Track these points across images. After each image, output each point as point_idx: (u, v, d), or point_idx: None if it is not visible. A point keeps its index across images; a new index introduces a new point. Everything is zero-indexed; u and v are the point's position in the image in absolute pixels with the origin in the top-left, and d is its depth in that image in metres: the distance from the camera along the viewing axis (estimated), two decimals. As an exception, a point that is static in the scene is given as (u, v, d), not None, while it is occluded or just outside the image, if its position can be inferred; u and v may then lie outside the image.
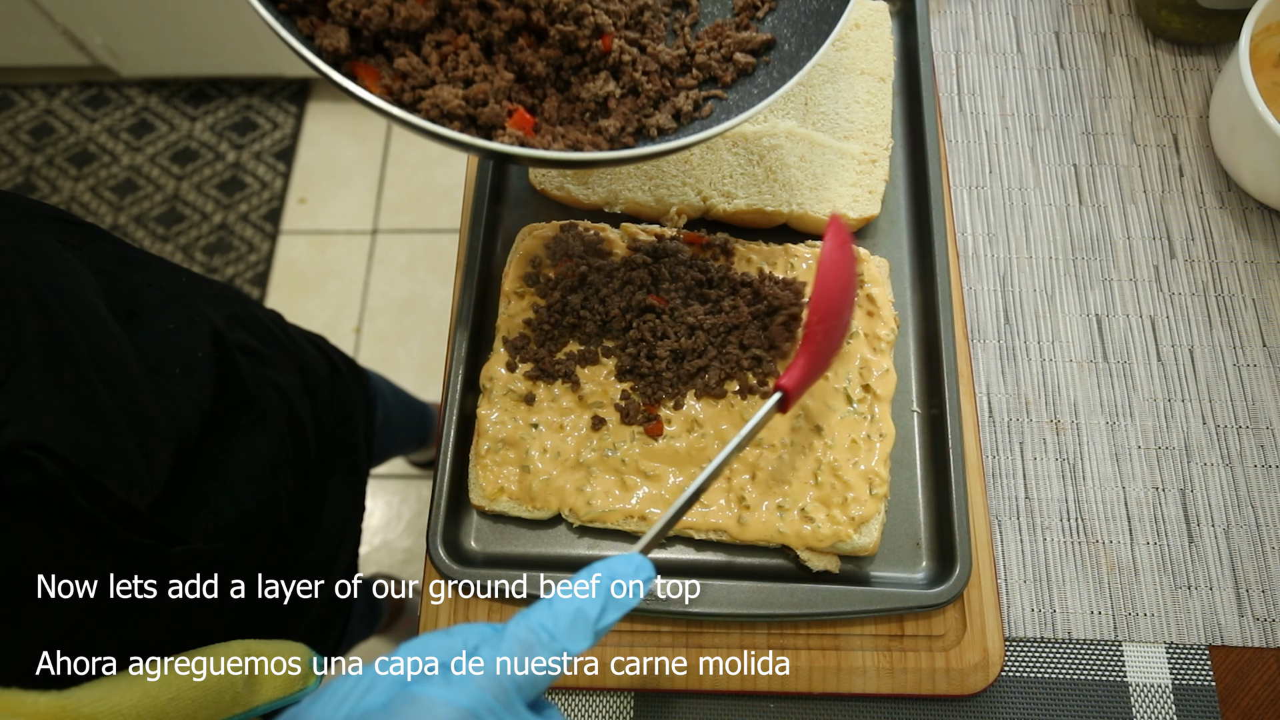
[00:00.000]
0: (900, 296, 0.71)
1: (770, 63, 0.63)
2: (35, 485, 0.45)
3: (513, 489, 0.63)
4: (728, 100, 0.62)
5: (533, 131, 0.55)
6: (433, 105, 0.52)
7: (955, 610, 0.62)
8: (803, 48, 0.60)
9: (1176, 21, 0.77)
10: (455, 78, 0.54)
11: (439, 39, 0.54)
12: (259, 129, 2.05)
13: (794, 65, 0.58)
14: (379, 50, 0.54)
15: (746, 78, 0.63)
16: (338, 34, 0.52)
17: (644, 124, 0.59)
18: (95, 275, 0.63)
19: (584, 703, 0.62)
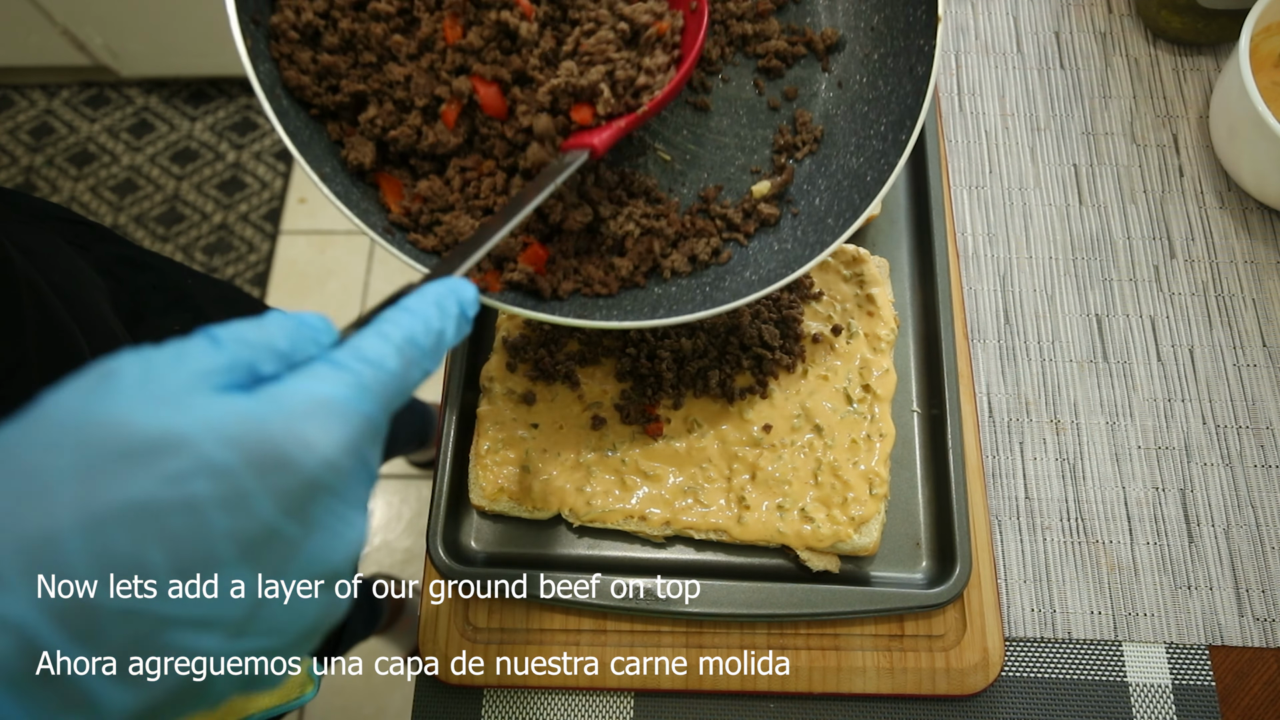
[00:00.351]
0: (900, 296, 0.71)
1: (799, 216, 0.59)
2: None
3: (513, 489, 0.63)
4: (748, 248, 0.59)
5: (544, 268, 0.55)
6: (448, 232, 0.52)
7: (955, 610, 0.62)
8: (830, 213, 0.57)
9: (1176, 21, 0.77)
10: (475, 206, 0.53)
11: (464, 164, 0.54)
12: (259, 129, 2.05)
13: (819, 233, 0.56)
14: (405, 163, 0.54)
15: (771, 229, 0.60)
16: (365, 148, 0.52)
17: (658, 264, 0.58)
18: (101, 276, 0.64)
19: (584, 703, 0.62)
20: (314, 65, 0.51)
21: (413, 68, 0.51)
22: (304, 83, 0.51)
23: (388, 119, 0.52)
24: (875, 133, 0.57)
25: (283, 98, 0.50)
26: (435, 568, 0.62)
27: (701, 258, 0.58)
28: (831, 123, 0.62)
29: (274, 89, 0.49)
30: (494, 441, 0.64)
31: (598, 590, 0.60)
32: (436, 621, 0.62)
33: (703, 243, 0.58)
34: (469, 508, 0.65)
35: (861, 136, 0.59)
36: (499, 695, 0.62)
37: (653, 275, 0.58)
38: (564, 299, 0.55)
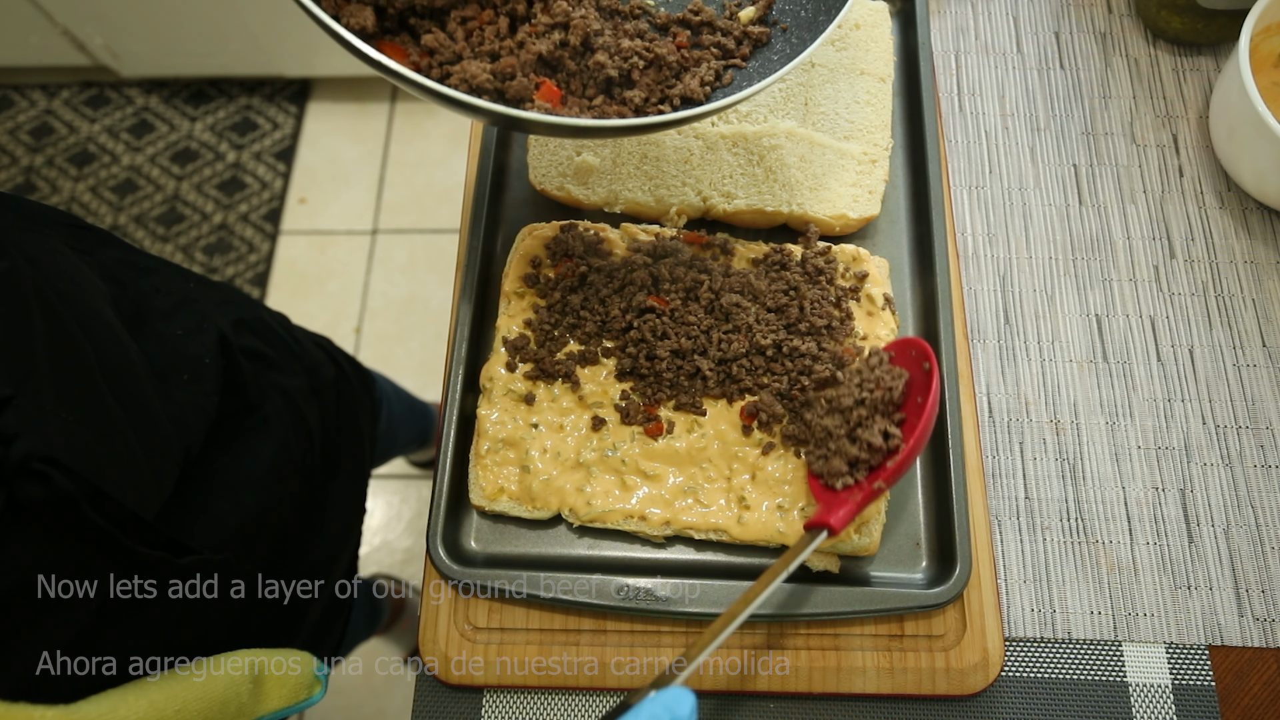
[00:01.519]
0: (900, 296, 0.71)
1: (788, 30, 0.62)
2: (45, 498, 0.45)
3: (513, 489, 0.63)
4: (748, 68, 0.62)
5: (560, 104, 0.56)
6: (461, 80, 0.53)
7: (955, 610, 0.62)
8: (820, 12, 0.60)
9: (1176, 21, 0.77)
10: (482, 53, 0.54)
11: (464, 15, 0.54)
12: (259, 129, 2.05)
13: (813, 30, 0.58)
14: (404, 29, 0.55)
15: (764, 47, 0.63)
16: (364, 12, 0.52)
17: (667, 94, 0.60)
18: (104, 281, 0.63)
19: (584, 703, 0.62)
20: None
21: None
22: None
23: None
24: None
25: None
26: (435, 568, 0.62)
27: (707, 79, 0.60)
28: None
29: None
30: (494, 441, 0.64)
31: (598, 590, 0.60)
32: (436, 621, 0.62)
33: (704, 68, 0.60)
34: (469, 508, 0.65)
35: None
36: (499, 695, 0.62)
37: (664, 105, 0.60)
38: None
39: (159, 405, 0.58)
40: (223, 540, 0.63)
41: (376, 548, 1.70)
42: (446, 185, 2.00)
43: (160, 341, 0.64)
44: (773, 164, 0.72)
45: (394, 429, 1.19)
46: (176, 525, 0.60)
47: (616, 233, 0.70)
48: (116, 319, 0.60)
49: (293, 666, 0.57)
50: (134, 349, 0.59)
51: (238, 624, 0.65)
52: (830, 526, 0.53)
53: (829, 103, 0.74)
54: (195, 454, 0.62)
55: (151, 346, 0.62)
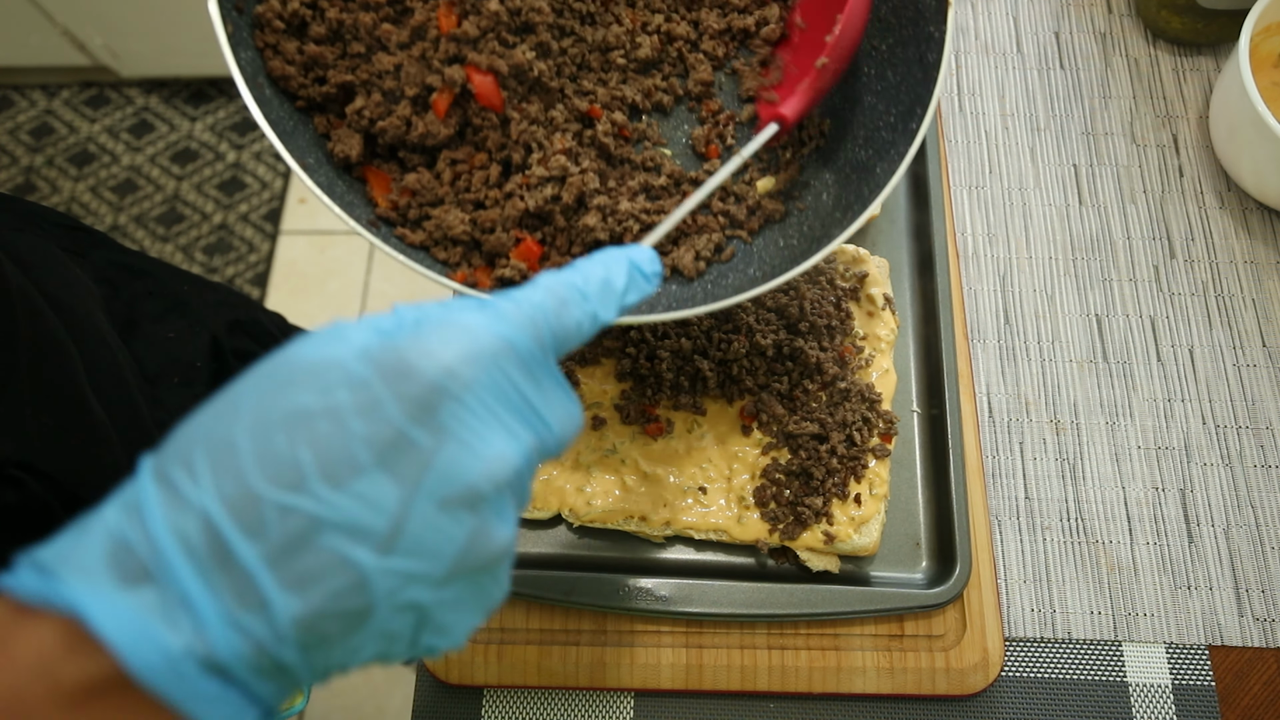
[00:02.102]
0: (900, 296, 0.71)
1: (805, 211, 0.57)
2: (17, 504, 0.44)
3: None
4: (751, 246, 0.57)
5: (538, 263, 0.52)
6: (437, 227, 0.51)
7: (955, 610, 0.62)
8: (839, 206, 0.55)
9: (1176, 21, 0.77)
10: (466, 200, 0.52)
11: (455, 156, 0.52)
12: (259, 129, 2.05)
13: (827, 225, 0.54)
14: (393, 156, 0.53)
15: (776, 224, 0.58)
16: (352, 140, 0.51)
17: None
18: (97, 283, 0.63)
19: (584, 703, 0.62)
20: (300, 55, 0.50)
21: (403, 56, 0.50)
22: (289, 73, 0.50)
23: (375, 110, 0.50)
24: (884, 124, 0.55)
25: (265, 87, 0.49)
26: (435, 568, 0.62)
27: (704, 254, 0.56)
28: (838, 115, 0.60)
29: (256, 78, 0.48)
30: (494, 441, 0.64)
31: (598, 590, 0.60)
32: (436, 621, 0.62)
33: (704, 239, 0.56)
34: (469, 508, 0.65)
35: (869, 129, 0.57)
36: (499, 695, 0.62)
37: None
38: None
39: (146, 410, 0.58)
40: None
41: (376, 548, 1.70)
42: (446, 185, 2.00)
43: (152, 344, 0.64)
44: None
45: None
46: None
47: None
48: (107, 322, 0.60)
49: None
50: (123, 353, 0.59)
51: None
52: (783, 118, 0.50)
53: (829, 103, 0.74)
54: None
55: (143, 349, 0.62)
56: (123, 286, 0.66)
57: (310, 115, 0.52)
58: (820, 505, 0.60)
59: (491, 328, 0.30)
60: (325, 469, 0.26)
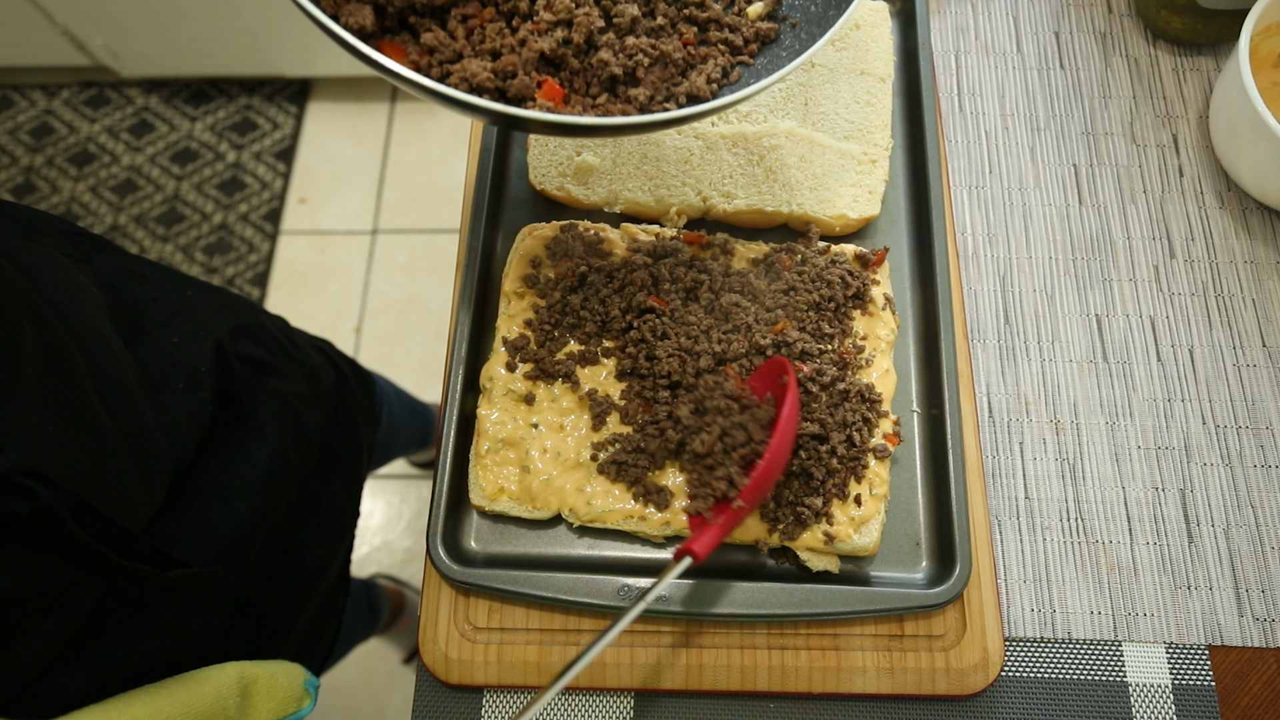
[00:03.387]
0: (900, 296, 0.71)
1: (797, 25, 0.61)
2: (28, 513, 0.44)
3: (513, 489, 0.63)
4: (755, 65, 0.61)
5: (563, 102, 0.54)
6: (461, 79, 0.52)
7: (955, 610, 0.62)
8: (830, 7, 0.58)
9: (1176, 21, 0.77)
10: (483, 51, 0.53)
11: (465, 12, 0.53)
12: (259, 129, 2.05)
13: (822, 25, 0.56)
14: (404, 27, 0.54)
15: (772, 44, 0.61)
16: (363, 11, 0.51)
17: (673, 92, 0.58)
18: (100, 289, 0.63)
19: (584, 703, 0.62)
20: None
21: None
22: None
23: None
24: None
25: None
26: (435, 568, 0.62)
27: (714, 77, 0.59)
28: None
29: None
30: (494, 441, 0.64)
31: (598, 590, 0.60)
32: (436, 621, 0.62)
33: (711, 64, 0.59)
34: (469, 508, 0.65)
35: None
36: (499, 695, 0.62)
37: (670, 103, 0.58)
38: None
39: (151, 416, 0.58)
40: (215, 547, 0.63)
41: (376, 548, 1.70)
42: (446, 185, 2.00)
43: (156, 350, 0.63)
44: (773, 164, 0.72)
45: (394, 431, 1.19)
46: (168, 534, 0.59)
47: (616, 233, 0.70)
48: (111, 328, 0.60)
49: (282, 679, 0.56)
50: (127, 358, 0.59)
51: (224, 633, 0.64)
52: (694, 554, 0.53)
53: (829, 103, 0.74)
54: (188, 463, 0.61)
55: (147, 355, 0.62)
56: (126, 292, 0.66)
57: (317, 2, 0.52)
58: (820, 505, 0.61)
59: None
60: None
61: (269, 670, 0.56)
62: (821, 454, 0.61)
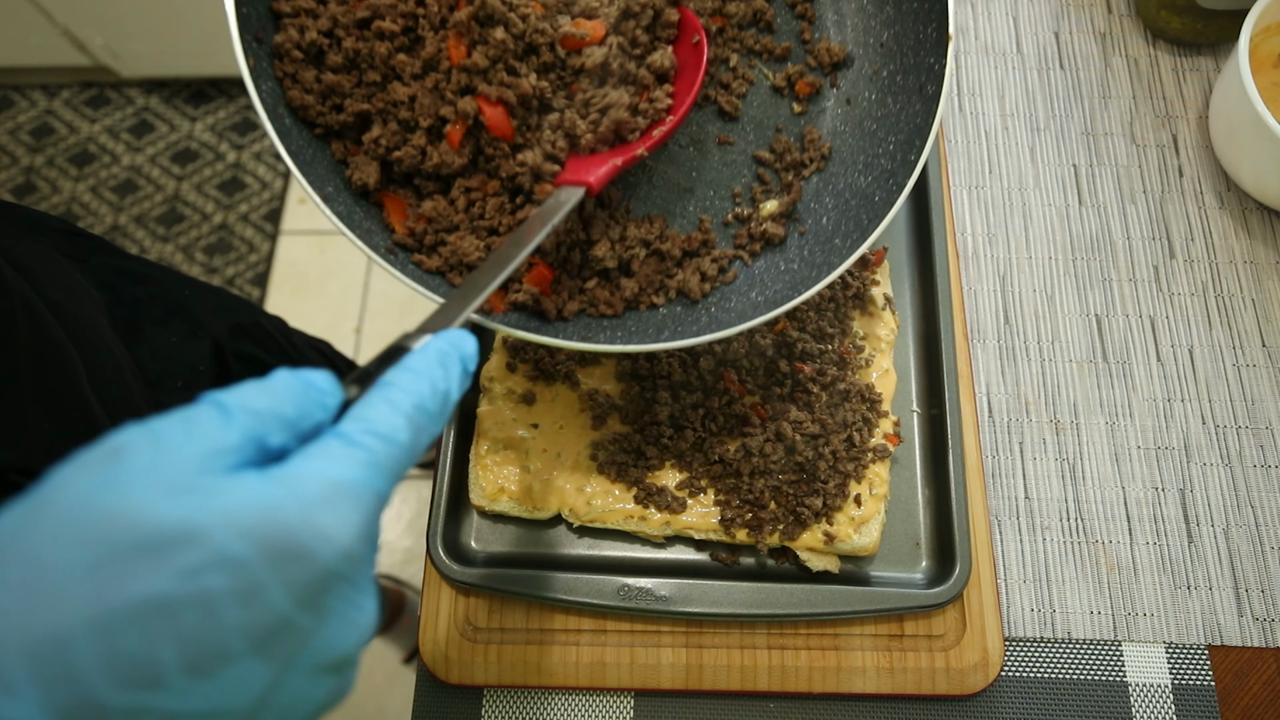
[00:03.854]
0: (900, 296, 0.71)
1: (805, 234, 0.59)
2: None
3: (513, 489, 0.63)
4: (753, 268, 0.59)
5: (549, 288, 0.54)
6: (452, 253, 0.52)
7: (955, 610, 0.62)
8: (838, 234, 0.56)
9: (1176, 22, 0.77)
10: (480, 227, 0.53)
11: (468, 184, 0.53)
12: (259, 130, 2.05)
13: (825, 252, 0.55)
14: (409, 183, 0.54)
15: (776, 249, 0.60)
16: (369, 168, 0.52)
17: (665, 284, 0.57)
18: (98, 289, 0.63)
19: (584, 703, 0.62)
20: (318, 84, 0.51)
21: (417, 87, 0.51)
22: (308, 102, 0.51)
23: (392, 139, 0.52)
24: (884, 151, 0.57)
25: (285, 117, 0.50)
26: (435, 568, 0.62)
27: (709, 275, 0.58)
28: (839, 139, 0.61)
29: (276, 108, 0.49)
30: (494, 441, 0.64)
31: (598, 590, 0.60)
32: (436, 621, 0.62)
33: (708, 259, 0.58)
34: (469, 508, 0.65)
35: (870, 155, 0.58)
36: (499, 695, 0.62)
37: (660, 293, 0.58)
38: (569, 320, 0.55)
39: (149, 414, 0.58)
40: None
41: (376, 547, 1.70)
42: (446, 185, 2.00)
43: (154, 349, 0.63)
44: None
45: None
46: None
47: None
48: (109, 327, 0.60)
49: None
50: (125, 357, 0.59)
51: None
52: (588, 185, 0.50)
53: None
54: None
55: (145, 354, 0.62)
56: (124, 291, 0.66)
57: (328, 142, 0.53)
58: (820, 505, 0.61)
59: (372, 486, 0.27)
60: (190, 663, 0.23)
61: None
62: (822, 454, 0.61)
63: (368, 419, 0.29)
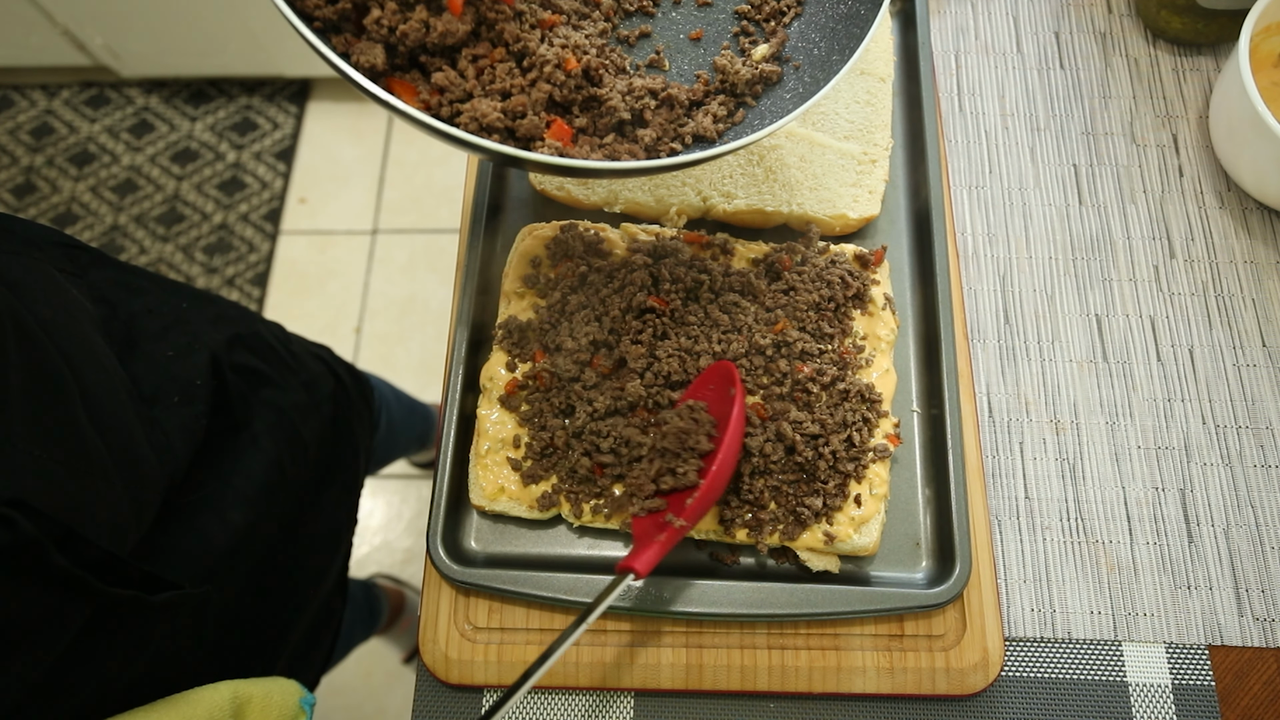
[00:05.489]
0: (900, 296, 0.71)
1: (800, 68, 0.62)
2: (9, 543, 0.43)
3: (513, 489, 0.63)
4: (759, 107, 0.62)
5: (571, 142, 0.55)
6: (471, 119, 0.52)
7: (955, 610, 0.62)
8: (833, 52, 0.59)
9: (1176, 22, 0.77)
10: (493, 90, 0.53)
11: (475, 53, 0.54)
12: (259, 129, 2.05)
13: (825, 70, 0.57)
14: (415, 66, 0.54)
15: (776, 85, 0.62)
16: (374, 50, 0.51)
17: (679, 132, 0.60)
18: (94, 303, 0.63)
19: (584, 703, 0.62)
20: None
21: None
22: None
23: (392, 17, 0.51)
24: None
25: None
26: (435, 568, 0.62)
27: (719, 115, 0.60)
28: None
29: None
30: (494, 441, 0.64)
31: (598, 590, 0.60)
32: (436, 621, 0.62)
33: (717, 103, 0.60)
34: (469, 508, 0.65)
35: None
36: (499, 695, 0.62)
37: (676, 142, 0.59)
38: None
39: (143, 433, 0.57)
40: (207, 560, 0.62)
41: (377, 548, 1.70)
42: (446, 185, 2.00)
43: (150, 363, 0.63)
44: (773, 164, 0.72)
45: (393, 434, 1.18)
46: (158, 547, 0.58)
47: (616, 233, 0.70)
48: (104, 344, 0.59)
49: (276, 698, 0.56)
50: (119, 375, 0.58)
51: (217, 648, 0.63)
52: (635, 570, 0.54)
53: (829, 103, 0.74)
54: (180, 478, 0.61)
55: (141, 369, 0.62)
56: (120, 305, 0.65)
57: (328, 37, 0.52)
58: (820, 505, 0.61)
59: None
60: None
61: (263, 689, 0.55)
62: (822, 454, 0.61)
63: None
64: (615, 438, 0.62)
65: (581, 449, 0.62)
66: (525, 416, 0.64)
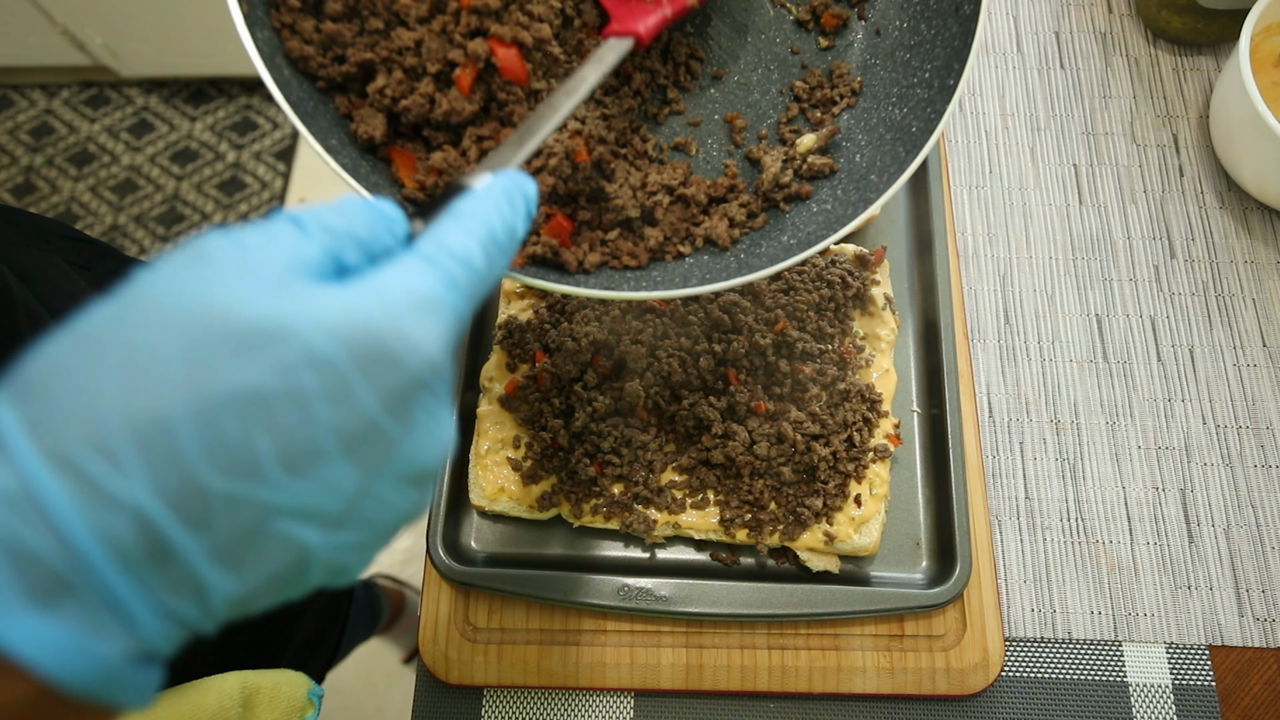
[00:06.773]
0: (900, 296, 0.71)
1: (837, 173, 0.56)
2: None
3: (513, 489, 0.63)
4: (785, 212, 0.55)
5: (569, 240, 0.51)
6: None
7: (955, 610, 0.62)
8: (873, 169, 0.53)
9: (1176, 21, 0.77)
10: None
11: (480, 133, 0.50)
12: (259, 129, 2.05)
13: (861, 189, 0.52)
14: (418, 135, 0.51)
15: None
16: (375, 120, 0.49)
17: (691, 233, 0.54)
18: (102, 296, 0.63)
19: (584, 703, 0.62)
20: (317, 34, 0.48)
21: (423, 32, 0.48)
22: (308, 53, 0.48)
23: (398, 88, 0.49)
24: (919, 80, 0.53)
25: (284, 68, 0.47)
26: (435, 568, 0.62)
27: (737, 220, 0.54)
28: (870, 73, 0.58)
29: (274, 58, 0.46)
30: (494, 441, 0.64)
31: (598, 590, 0.60)
32: (436, 621, 0.62)
33: (736, 206, 0.54)
34: (469, 508, 0.65)
35: (904, 86, 0.54)
36: (499, 695, 0.62)
37: (686, 242, 0.54)
38: (590, 273, 0.52)
39: None
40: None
41: (376, 548, 1.70)
42: (446, 185, 2.00)
43: None
44: (773, 164, 0.71)
45: None
46: None
47: (616, 233, 0.70)
48: None
49: (285, 689, 0.55)
50: None
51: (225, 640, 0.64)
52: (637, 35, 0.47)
53: (829, 103, 0.74)
54: None
55: None
56: None
57: (331, 96, 0.51)
58: (820, 505, 0.61)
59: (453, 303, 0.28)
60: (286, 457, 0.24)
61: (272, 680, 0.56)
62: (822, 454, 0.61)
63: (444, 243, 0.30)
64: (616, 438, 0.62)
65: (582, 450, 0.62)
66: (525, 417, 0.64)
